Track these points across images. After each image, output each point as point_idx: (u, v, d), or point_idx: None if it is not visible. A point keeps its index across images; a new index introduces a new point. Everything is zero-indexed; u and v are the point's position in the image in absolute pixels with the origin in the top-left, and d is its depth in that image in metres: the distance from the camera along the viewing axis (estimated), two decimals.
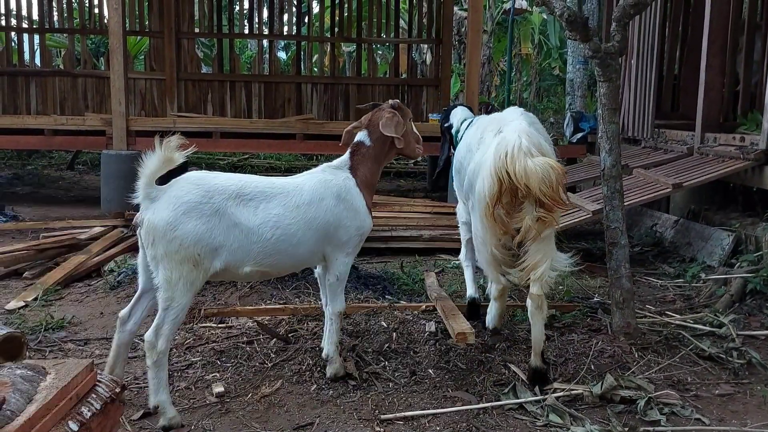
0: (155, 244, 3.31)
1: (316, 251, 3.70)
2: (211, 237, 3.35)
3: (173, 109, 11.98)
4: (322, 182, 3.73)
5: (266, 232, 3.48)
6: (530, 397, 3.69)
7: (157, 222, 3.29)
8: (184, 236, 3.29)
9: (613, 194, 4.52)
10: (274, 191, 3.57)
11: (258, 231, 3.46)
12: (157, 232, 3.29)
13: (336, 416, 3.50)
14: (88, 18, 12.70)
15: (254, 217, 3.46)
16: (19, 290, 5.45)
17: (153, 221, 3.30)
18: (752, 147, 6.56)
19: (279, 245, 3.52)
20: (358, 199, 3.79)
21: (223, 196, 3.41)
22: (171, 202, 3.32)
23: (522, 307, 4.92)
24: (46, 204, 9.38)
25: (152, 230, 3.30)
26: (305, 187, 3.66)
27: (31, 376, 2.36)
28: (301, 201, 3.60)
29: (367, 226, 3.83)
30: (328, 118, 12.41)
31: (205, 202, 3.36)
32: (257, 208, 3.49)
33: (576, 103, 12.72)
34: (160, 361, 3.34)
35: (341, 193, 3.73)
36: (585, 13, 11.59)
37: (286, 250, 3.55)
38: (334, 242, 3.72)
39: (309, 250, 3.66)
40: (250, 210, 3.47)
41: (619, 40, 4.50)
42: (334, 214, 3.67)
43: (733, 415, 3.66)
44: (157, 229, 3.29)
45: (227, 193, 3.43)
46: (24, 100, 11.97)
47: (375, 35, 13.40)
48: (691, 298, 5.52)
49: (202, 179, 3.46)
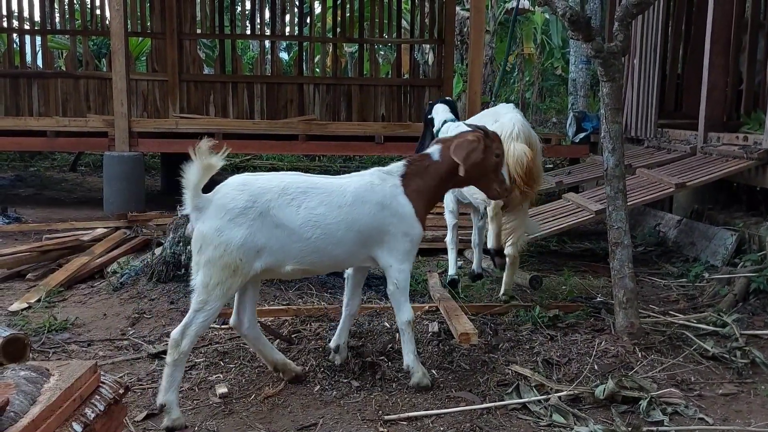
0: (201, 251, 3.40)
1: (356, 253, 3.71)
2: (254, 240, 3.41)
3: (175, 110, 11.97)
4: (367, 185, 3.72)
5: (307, 231, 3.52)
6: (533, 398, 3.68)
7: (206, 230, 3.39)
8: (229, 242, 3.36)
9: (616, 194, 4.51)
10: (316, 190, 3.60)
11: (299, 230, 3.51)
12: (205, 239, 3.38)
13: (339, 417, 3.50)
14: (89, 19, 12.70)
15: (296, 217, 3.51)
16: (23, 292, 5.45)
17: (202, 230, 3.40)
18: (756, 146, 6.55)
19: (319, 244, 3.55)
20: (405, 206, 3.74)
21: (267, 198, 3.47)
22: (218, 210, 3.40)
23: (525, 308, 4.93)
24: (48, 206, 9.39)
25: (201, 238, 3.40)
26: (349, 189, 3.67)
27: (34, 378, 2.37)
28: (344, 202, 3.61)
29: (415, 233, 3.77)
30: (330, 119, 12.39)
31: (250, 207, 3.42)
32: (299, 207, 3.53)
33: (579, 103, 12.70)
34: (179, 361, 3.38)
35: (385, 199, 3.71)
36: (588, 13, 11.58)
37: (326, 249, 3.58)
38: (381, 247, 3.72)
39: (349, 251, 3.67)
40: (292, 210, 3.51)
41: (622, 40, 4.50)
42: (376, 218, 3.67)
43: (737, 414, 3.65)
44: (206, 236, 3.38)
45: (271, 194, 3.49)
46: (26, 102, 11.97)
47: (377, 36, 13.41)
48: (695, 298, 5.51)
49: (245, 183, 3.51)
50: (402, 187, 3.77)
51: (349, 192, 3.64)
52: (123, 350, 4.36)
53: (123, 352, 4.34)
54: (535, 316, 4.76)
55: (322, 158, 14.13)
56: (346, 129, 9.73)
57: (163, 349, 4.25)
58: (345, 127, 10.12)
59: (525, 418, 3.54)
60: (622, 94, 8.37)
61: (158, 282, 5.36)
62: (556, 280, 5.90)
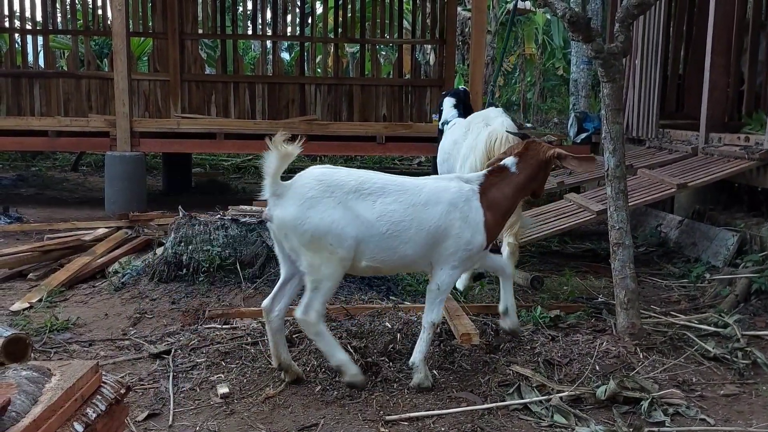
0: (289, 237, 3.58)
1: (423, 255, 3.75)
2: (338, 228, 3.54)
3: (177, 110, 11.98)
4: (444, 188, 3.79)
5: (382, 225, 3.62)
6: (535, 398, 3.68)
7: (286, 217, 3.54)
8: (314, 229, 3.51)
9: (618, 194, 4.51)
10: (392, 188, 3.70)
11: (375, 224, 3.61)
12: (287, 227, 3.55)
13: (341, 417, 3.50)
14: (91, 19, 12.73)
15: (372, 211, 3.62)
16: (24, 292, 5.46)
17: (282, 217, 3.55)
18: (757, 147, 6.54)
19: (391, 241, 3.64)
20: (477, 214, 3.78)
21: (343, 191, 3.60)
22: (296, 199, 3.55)
23: (526, 308, 4.94)
24: (50, 205, 9.40)
25: (283, 225, 3.57)
26: (425, 189, 3.75)
27: (36, 378, 2.37)
28: (418, 201, 3.69)
29: (477, 243, 3.79)
30: (331, 119, 12.39)
31: (327, 197, 3.56)
32: (375, 202, 3.63)
33: (580, 104, 12.71)
34: (319, 331, 3.60)
35: (459, 202, 3.75)
36: (589, 14, 11.59)
37: (397, 247, 3.66)
38: (441, 250, 3.75)
39: (416, 252, 3.72)
40: (368, 204, 3.62)
41: (623, 41, 4.50)
42: (446, 221, 3.71)
43: (739, 415, 3.65)
44: (287, 224, 3.55)
45: (347, 187, 3.62)
46: (28, 102, 11.98)
47: (378, 36, 13.42)
48: (696, 299, 5.51)
49: (323, 175, 3.66)
50: (478, 194, 3.82)
51: (425, 192, 3.73)
52: (124, 350, 4.37)
53: (124, 352, 4.34)
54: (536, 317, 4.76)
55: (324, 158, 14.14)
56: (348, 129, 9.73)
57: (164, 349, 4.27)
58: (346, 127, 10.11)
59: (526, 419, 3.54)
60: (623, 95, 8.37)
61: (159, 282, 5.37)
62: (558, 281, 5.90)
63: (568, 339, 4.43)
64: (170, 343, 4.38)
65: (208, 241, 5.40)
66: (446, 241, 3.72)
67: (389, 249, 3.65)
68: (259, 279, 5.29)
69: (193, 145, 9.56)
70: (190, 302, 5.06)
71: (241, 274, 5.31)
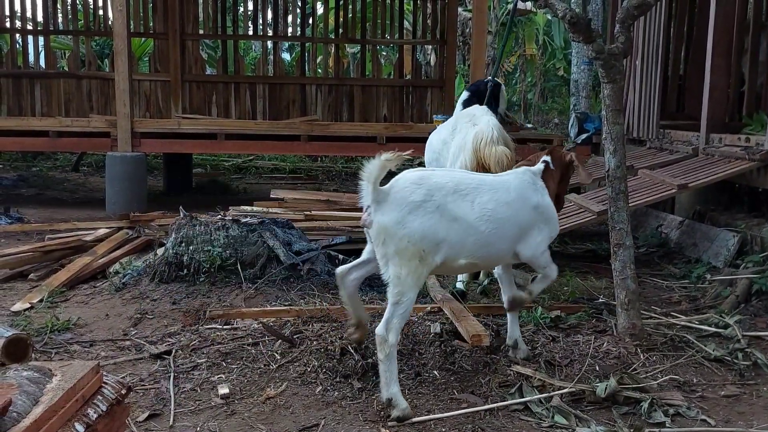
0: (386, 243, 3.53)
1: (512, 247, 3.92)
2: (434, 232, 3.55)
3: (178, 110, 11.99)
4: (526, 184, 4.00)
5: (481, 225, 3.70)
6: (536, 398, 3.68)
7: (387, 222, 3.52)
8: (412, 234, 3.50)
9: (618, 195, 4.51)
10: (485, 187, 3.80)
11: (475, 224, 3.68)
12: (387, 232, 3.52)
13: (341, 418, 3.50)
14: (92, 20, 12.73)
15: (472, 212, 3.68)
16: (25, 292, 5.46)
17: (383, 222, 3.53)
18: (758, 148, 6.54)
19: (490, 238, 3.74)
20: (550, 205, 4.06)
21: (443, 193, 3.62)
22: (397, 203, 3.54)
23: (527, 309, 4.93)
24: (51, 206, 9.40)
25: (383, 230, 3.53)
26: (512, 186, 3.92)
27: (37, 378, 2.37)
28: (510, 198, 3.84)
29: (555, 231, 4.13)
30: (332, 120, 12.39)
31: (428, 200, 3.57)
32: (473, 202, 3.71)
33: (581, 104, 12.71)
34: (391, 354, 3.50)
35: (538, 196, 3.99)
36: (589, 15, 11.59)
37: (495, 243, 3.78)
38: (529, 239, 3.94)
39: (509, 246, 3.89)
40: (467, 204, 3.68)
41: (623, 42, 4.50)
42: (532, 216, 3.94)
43: (740, 416, 3.65)
44: (388, 229, 3.52)
45: (446, 189, 3.65)
46: (29, 102, 11.98)
47: (379, 36, 13.41)
48: (697, 299, 5.51)
49: (422, 178, 3.67)
50: (545, 189, 4.09)
51: (513, 189, 3.90)
52: (125, 350, 4.37)
53: (125, 352, 4.34)
54: (537, 317, 4.76)
55: (324, 159, 14.14)
56: (348, 130, 9.73)
57: (165, 350, 4.27)
58: (347, 127, 10.11)
59: (527, 419, 3.54)
60: (624, 96, 8.37)
61: (160, 282, 5.36)
62: (558, 281, 5.88)
63: (569, 340, 4.43)
64: (171, 344, 4.38)
65: (209, 241, 5.40)
66: (532, 232, 3.94)
67: (488, 245, 3.76)
68: (259, 279, 5.29)
69: (194, 146, 9.56)
70: (191, 303, 5.06)
71: (242, 274, 5.31)
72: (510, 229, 3.82)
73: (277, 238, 5.51)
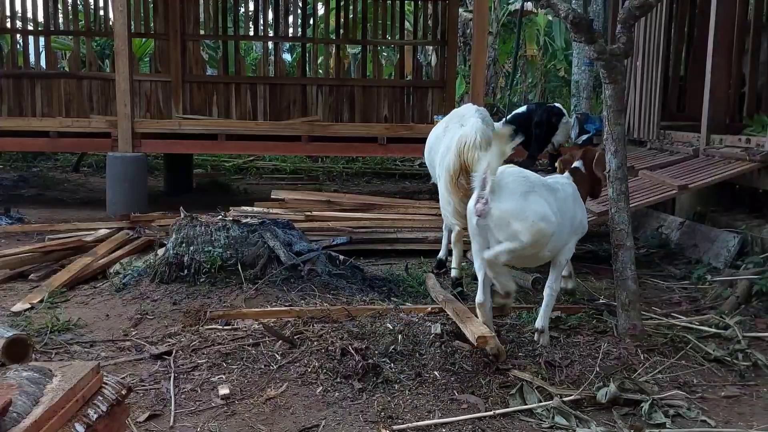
0: (509, 226, 3.94)
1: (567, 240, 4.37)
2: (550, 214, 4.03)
3: (178, 111, 11.99)
4: (568, 185, 4.54)
5: (559, 217, 4.12)
6: (536, 404, 3.68)
7: (508, 209, 3.94)
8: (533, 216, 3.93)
9: (619, 196, 4.51)
10: (551, 187, 4.28)
11: (558, 216, 4.10)
12: (513, 216, 3.94)
13: (342, 418, 3.50)
14: (93, 20, 12.73)
15: (554, 206, 4.11)
16: (25, 292, 5.46)
17: (504, 209, 3.95)
18: (758, 149, 6.54)
19: (559, 229, 4.14)
20: (582, 206, 4.60)
21: (538, 185, 4.11)
22: (513, 192, 3.97)
23: (527, 309, 4.93)
24: (51, 206, 9.40)
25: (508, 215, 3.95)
26: (560, 187, 4.40)
27: (37, 379, 2.37)
28: (565, 196, 4.35)
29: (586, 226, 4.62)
30: (333, 120, 12.40)
31: (534, 191, 4.04)
32: (555, 198, 4.19)
33: (581, 105, 12.71)
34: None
35: (577, 198, 4.53)
36: (590, 15, 11.59)
37: (562, 236, 4.24)
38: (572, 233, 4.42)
39: (565, 238, 4.31)
40: (551, 198, 4.13)
41: (625, 42, 4.50)
42: (579, 213, 4.45)
43: (740, 417, 3.65)
44: (513, 213, 3.94)
45: (538, 183, 4.13)
46: (29, 103, 11.99)
47: (380, 37, 13.41)
48: (697, 300, 5.51)
49: (522, 172, 4.16)
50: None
51: (561, 189, 4.37)
52: (125, 351, 4.37)
53: (125, 352, 4.34)
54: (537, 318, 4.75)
55: (325, 159, 14.13)
56: (349, 130, 9.73)
57: (165, 350, 4.27)
58: (348, 128, 10.12)
59: (527, 420, 3.54)
60: (625, 96, 8.36)
61: (161, 283, 5.36)
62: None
63: (570, 340, 4.43)
64: (171, 344, 4.38)
65: (209, 242, 5.39)
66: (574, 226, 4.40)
67: (560, 239, 4.21)
68: (260, 280, 5.28)
69: (195, 146, 9.57)
70: (192, 303, 5.05)
71: (243, 275, 5.30)
72: (569, 223, 4.28)
73: (278, 239, 5.51)
